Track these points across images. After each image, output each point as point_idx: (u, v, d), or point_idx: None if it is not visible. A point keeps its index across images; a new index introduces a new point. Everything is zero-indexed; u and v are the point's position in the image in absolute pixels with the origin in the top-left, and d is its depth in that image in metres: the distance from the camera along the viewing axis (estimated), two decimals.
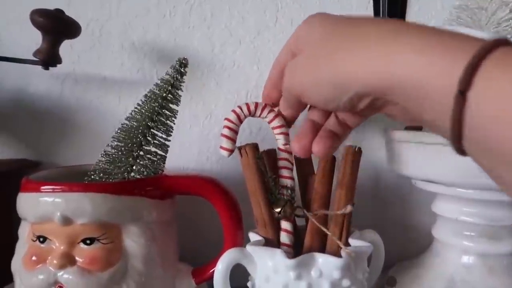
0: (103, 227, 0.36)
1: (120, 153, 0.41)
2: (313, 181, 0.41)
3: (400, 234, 0.55)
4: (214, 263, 0.38)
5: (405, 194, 0.54)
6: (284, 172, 0.42)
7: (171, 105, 0.42)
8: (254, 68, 0.53)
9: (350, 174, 0.40)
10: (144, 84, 0.48)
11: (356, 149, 0.40)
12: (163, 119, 0.42)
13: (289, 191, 0.41)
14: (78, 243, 0.36)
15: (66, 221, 0.35)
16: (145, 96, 0.42)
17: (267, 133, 0.52)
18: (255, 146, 0.41)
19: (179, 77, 0.42)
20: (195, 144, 0.53)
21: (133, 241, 0.38)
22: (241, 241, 0.42)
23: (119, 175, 0.41)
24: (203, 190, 0.41)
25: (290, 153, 0.43)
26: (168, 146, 0.43)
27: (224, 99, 0.53)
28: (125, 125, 0.42)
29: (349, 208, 0.37)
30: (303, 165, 0.44)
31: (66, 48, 0.50)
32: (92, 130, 0.52)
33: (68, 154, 0.53)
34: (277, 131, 0.43)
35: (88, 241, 0.36)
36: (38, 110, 0.52)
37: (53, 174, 0.43)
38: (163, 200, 0.40)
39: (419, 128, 0.44)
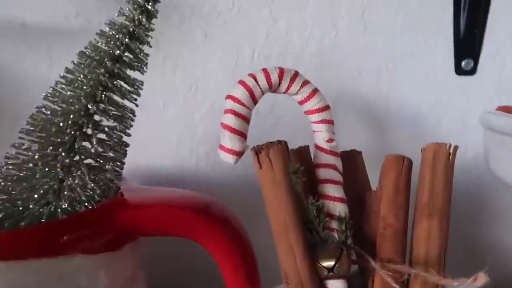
0: None
1: (35, 161, 0.23)
2: (373, 203, 0.25)
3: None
4: None
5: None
6: (331, 190, 0.25)
7: (129, 70, 0.25)
8: (263, 12, 0.37)
9: (445, 191, 0.23)
10: (87, 36, 0.32)
11: (452, 149, 0.24)
12: (116, 96, 0.25)
13: (344, 224, 0.24)
14: None
15: None
16: (81, 54, 0.25)
17: (285, 114, 0.37)
18: (284, 148, 0.23)
19: (143, 20, 0.25)
20: (172, 131, 0.39)
21: None
22: None
23: (33, 204, 0.23)
24: (193, 231, 0.23)
25: (337, 155, 0.26)
26: (126, 145, 0.26)
27: (217, 60, 0.38)
28: (44, 110, 0.24)
29: (483, 278, 0.20)
30: (352, 173, 0.27)
31: None
32: (9, 109, 0.37)
33: None
34: (315, 117, 0.26)
35: None
36: None
37: None
38: (116, 250, 0.22)
39: None
